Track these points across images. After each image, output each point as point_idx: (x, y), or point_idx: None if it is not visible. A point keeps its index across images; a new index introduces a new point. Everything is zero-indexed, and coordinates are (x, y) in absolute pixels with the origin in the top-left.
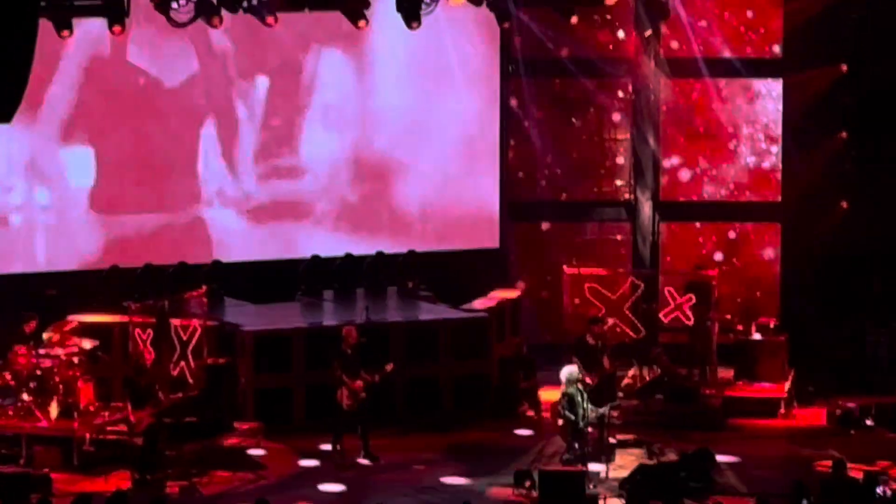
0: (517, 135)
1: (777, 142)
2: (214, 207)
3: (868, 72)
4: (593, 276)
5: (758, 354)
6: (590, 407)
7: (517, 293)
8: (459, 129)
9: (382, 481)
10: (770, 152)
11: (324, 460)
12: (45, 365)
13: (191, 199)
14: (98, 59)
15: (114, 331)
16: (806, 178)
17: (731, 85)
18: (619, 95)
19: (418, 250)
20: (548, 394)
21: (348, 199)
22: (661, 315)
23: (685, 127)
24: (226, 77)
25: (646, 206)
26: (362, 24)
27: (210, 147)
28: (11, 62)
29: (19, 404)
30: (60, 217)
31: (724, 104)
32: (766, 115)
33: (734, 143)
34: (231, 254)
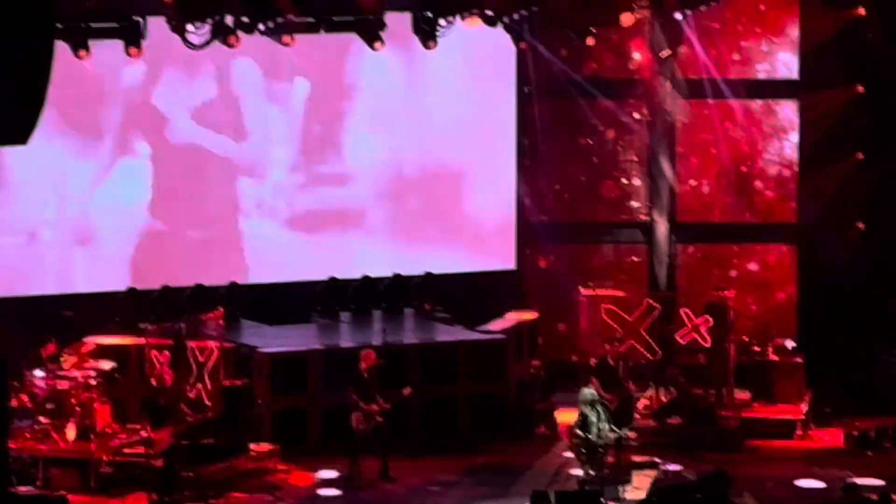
0: (533, 156)
1: (793, 163)
2: (251, 221)
3: (884, 93)
4: (610, 298)
5: (775, 376)
6: (607, 428)
7: (533, 315)
8: (477, 151)
9: (398, 503)
10: (786, 174)
11: (340, 482)
12: (62, 387)
13: (224, 213)
14: (130, 71)
15: (130, 353)
16: (822, 200)
17: (746, 106)
18: (636, 117)
19: (435, 272)
20: (565, 415)
21: (371, 218)
22: (677, 336)
23: (701, 148)
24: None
25: (662, 228)
26: (378, 46)
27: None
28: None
29: (36, 426)
30: (91, 233)
31: (739, 125)
32: (782, 135)
33: (750, 164)
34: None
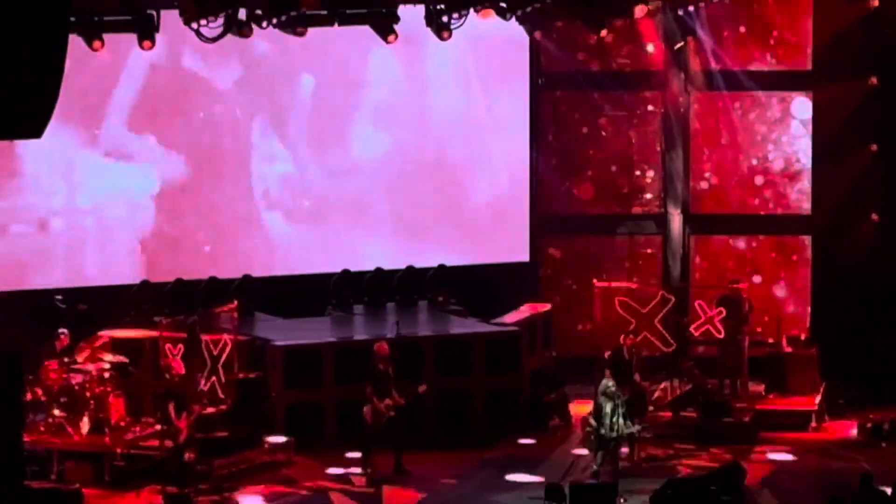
0: (547, 148)
1: (807, 155)
2: (263, 214)
3: None
4: (624, 290)
5: (789, 367)
6: (622, 422)
7: (546, 307)
8: (491, 142)
9: (414, 495)
10: (800, 165)
11: (354, 475)
12: (76, 380)
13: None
14: (144, 63)
15: (144, 346)
16: (836, 191)
17: (760, 97)
18: (649, 109)
19: (448, 264)
20: (578, 407)
21: (386, 210)
22: (691, 328)
23: (715, 140)
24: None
25: (676, 220)
26: (392, 39)
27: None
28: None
29: (50, 420)
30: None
31: (754, 117)
32: (796, 127)
33: (764, 156)
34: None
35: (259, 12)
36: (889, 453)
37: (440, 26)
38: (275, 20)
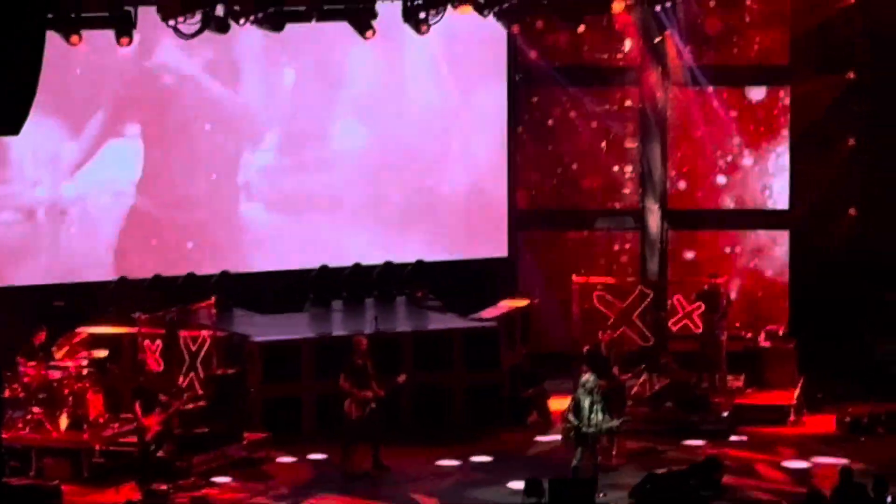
0: (525, 143)
1: (785, 149)
2: (241, 211)
3: (875, 79)
4: (602, 285)
5: (767, 362)
6: (601, 417)
7: (525, 302)
8: (469, 137)
9: (392, 491)
10: (778, 160)
11: (333, 470)
12: (55, 377)
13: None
14: (124, 55)
15: (123, 342)
16: (814, 186)
17: (738, 93)
18: (627, 104)
19: (427, 260)
20: (557, 402)
21: (364, 206)
22: (670, 323)
23: (693, 135)
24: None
25: (654, 215)
26: (369, 35)
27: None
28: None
29: (29, 416)
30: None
31: (731, 112)
32: (774, 122)
33: (742, 151)
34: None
35: (237, 8)
36: (867, 447)
37: (418, 22)
38: (252, 17)
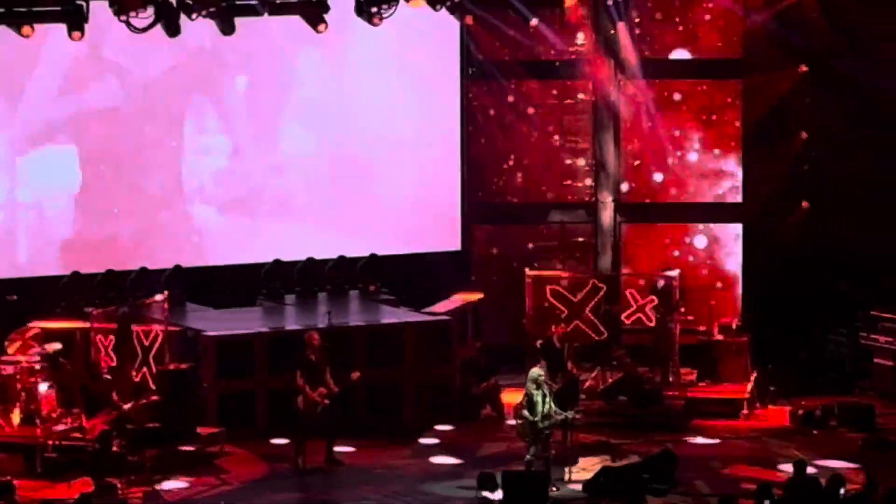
0: (478, 137)
1: (738, 143)
2: (193, 206)
3: (828, 72)
4: (555, 279)
5: (720, 355)
6: (554, 409)
7: (478, 296)
8: (422, 132)
9: (346, 486)
10: (731, 153)
11: (287, 465)
12: (7, 372)
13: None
14: (76, 57)
15: (75, 337)
16: (767, 179)
17: (690, 85)
18: (580, 97)
19: (380, 253)
20: (510, 396)
21: (317, 199)
22: (623, 317)
23: (645, 128)
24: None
25: (607, 208)
26: (322, 28)
27: (189, 145)
28: None
29: None
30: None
31: (683, 104)
32: (728, 115)
33: (695, 144)
34: (203, 255)
35: (189, 2)
36: (820, 440)
37: (371, 15)
38: (204, 11)
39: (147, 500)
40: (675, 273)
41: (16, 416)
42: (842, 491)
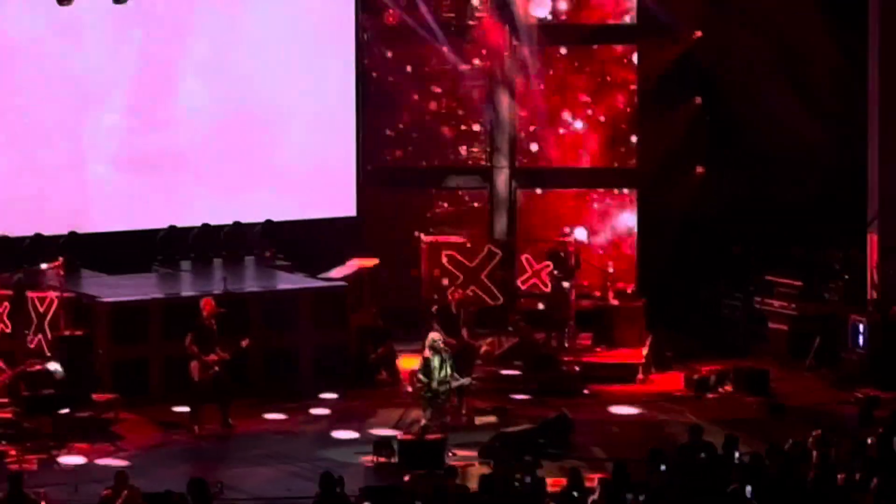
0: (373, 102)
1: (633, 108)
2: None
3: (722, 37)
4: (451, 244)
5: (615, 320)
6: (450, 375)
7: (373, 261)
8: (318, 97)
9: (241, 452)
10: (626, 118)
11: (181, 431)
12: None
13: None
14: None
15: None
16: (661, 144)
17: (584, 51)
18: (476, 62)
19: (275, 219)
20: (406, 361)
21: (212, 166)
22: (518, 282)
23: (541, 93)
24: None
25: (503, 174)
26: None
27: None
28: None
29: None
30: None
31: (580, 70)
32: (622, 81)
33: (590, 110)
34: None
35: None
36: (714, 405)
37: None
38: None
39: (42, 466)
40: (570, 238)
41: None
42: (737, 454)
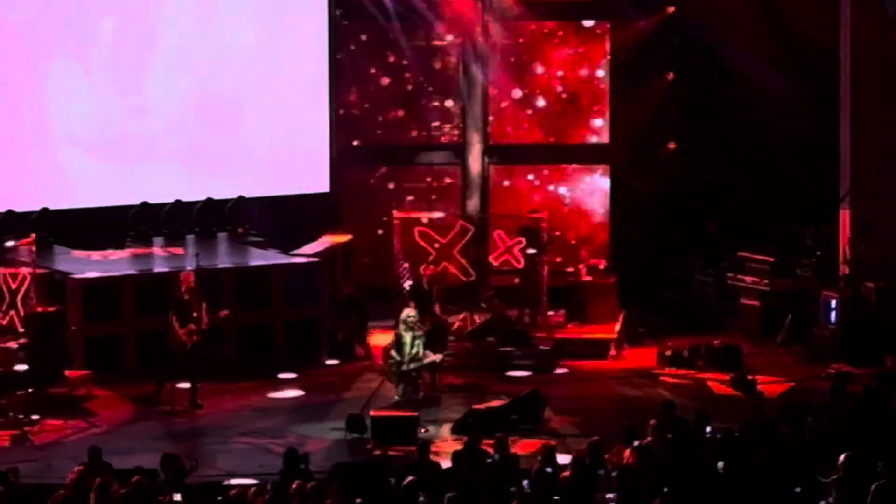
0: (347, 78)
1: (606, 84)
2: (61, 148)
3: (694, 12)
4: (424, 220)
5: (588, 296)
6: (423, 351)
7: (346, 237)
8: (291, 74)
9: (214, 426)
10: (598, 95)
11: (153, 407)
12: None
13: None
14: None
15: None
16: (633, 120)
17: (560, 27)
18: (449, 38)
19: (248, 195)
20: (378, 338)
21: (185, 142)
22: (491, 258)
23: (516, 69)
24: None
25: (475, 149)
26: None
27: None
28: None
29: None
30: None
31: (552, 46)
32: (595, 56)
33: (563, 85)
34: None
35: None
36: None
37: None
38: None
39: (15, 443)
40: (542, 214)
41: None
42: (708, 429)
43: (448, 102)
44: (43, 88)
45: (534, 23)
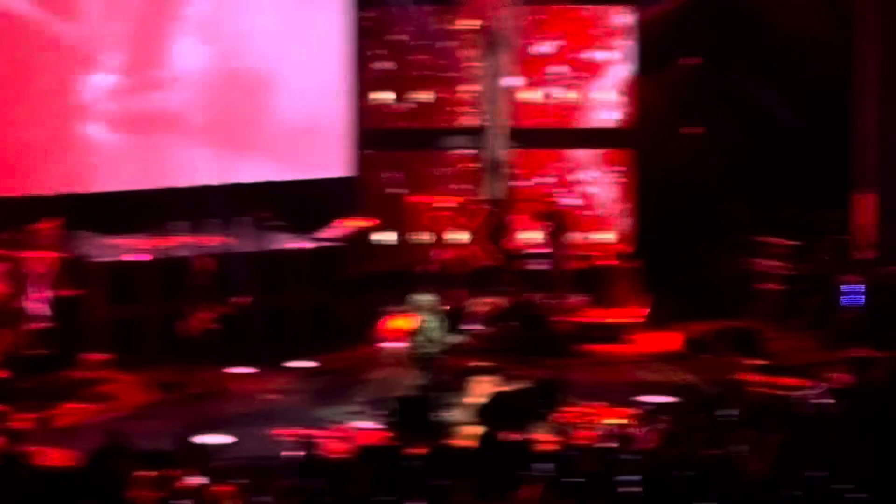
0: (368, 62)
1: (631, 67)
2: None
3: None
4: (446, 205)
5: (612, 281)
6: (444, 334)
7: (368, 222)
8: (312, 57)
9: (234, 411)
10: (623, 78)
11: (177, 390)
12: None
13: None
14: None
15: None
16: (659, 104)
17: (580, 10)
18: (470, 22)
19: (272, 179)
20: (399, 321)
21: (208, 127)
22: (512, 242)
23: (535, 53)
24: None
25: (497, 134)
26: None
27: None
28: None
29: None
30: None
31: (577, 30)
32: (619, 40)
33: (586, 69)
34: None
35: None
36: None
37: None
38: None
39: (37, 427)
40: (566, 198)
41: None
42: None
43: (470, 86)
44: (65, 72)
45: (555, 6)
